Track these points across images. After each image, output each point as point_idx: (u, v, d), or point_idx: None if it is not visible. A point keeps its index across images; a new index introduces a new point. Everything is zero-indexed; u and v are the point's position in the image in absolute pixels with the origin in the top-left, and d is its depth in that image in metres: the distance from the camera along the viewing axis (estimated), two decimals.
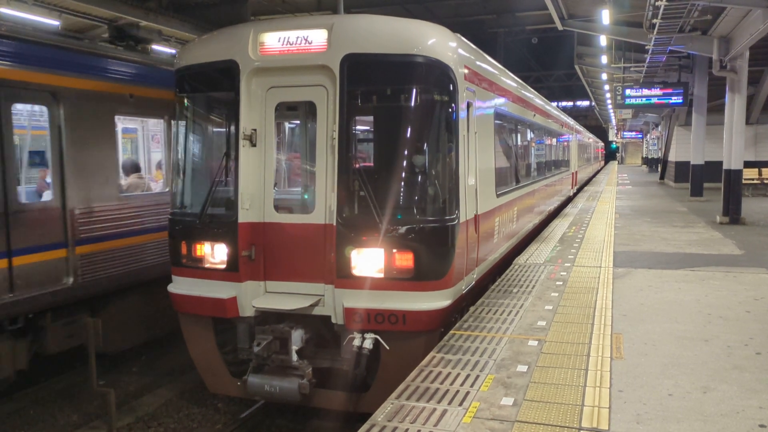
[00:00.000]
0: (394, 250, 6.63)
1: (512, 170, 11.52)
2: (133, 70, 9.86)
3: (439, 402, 4.97)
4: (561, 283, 9.24)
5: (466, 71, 7.45)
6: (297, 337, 6.92)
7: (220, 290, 7.15)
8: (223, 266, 7.20)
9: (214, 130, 7.98)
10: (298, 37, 6.95)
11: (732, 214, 17.18)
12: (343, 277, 6.77)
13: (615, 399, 5.05)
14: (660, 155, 45.32)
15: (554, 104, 23.18)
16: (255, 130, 7.13)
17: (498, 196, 9.50)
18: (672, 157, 35.24)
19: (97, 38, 14.57)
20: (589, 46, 29.41)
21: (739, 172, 17.45)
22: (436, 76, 6.86)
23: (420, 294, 6.69)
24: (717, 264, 10.86)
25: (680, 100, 25.18)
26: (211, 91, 7.81)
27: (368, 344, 6.67)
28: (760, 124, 30.15)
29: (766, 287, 9.04)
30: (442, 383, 5.35)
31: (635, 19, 19.74)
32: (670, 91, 25.28)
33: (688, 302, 8.18)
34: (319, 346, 7.25)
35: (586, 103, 73.50)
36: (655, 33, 16.97)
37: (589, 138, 42.02)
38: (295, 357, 6.87)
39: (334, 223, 6.75)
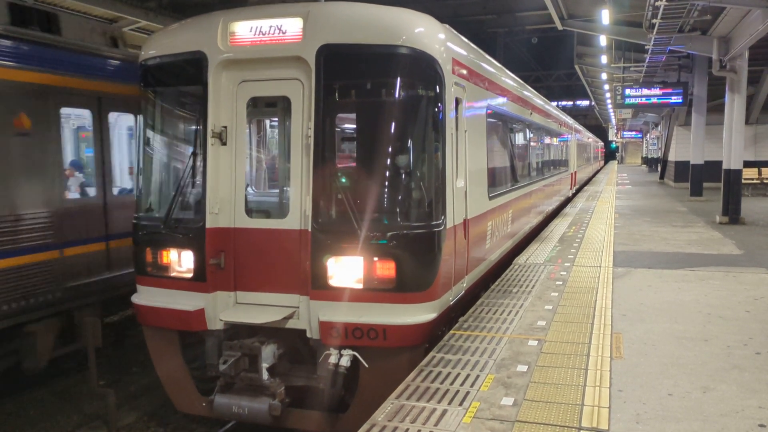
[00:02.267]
0: (375, 259, 6.13)
1: (507, 171, 11.03)
2: None
3: (439, 402, 4.98)
4: (561, 282, 9.24)
5: (454, 65, 6.96)
6: (269, 353, 6.40)
7: (186, 301, 6.63)
8: (190, 275, 6.68)
9: (181, 127, 7.43)
10: (271, 27, 6.42)
11: (731, 213, 17.19)
12: (318, 287, 6.25)
13: (615, 399, 5.06)
14: (660, 155, 45.33)
15: (554, 104, 23.08)
16: (225, 127, 6.62)
17: (491, 198, 9.04)
18: (672, 157, 35.26)
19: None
20: (589, 45, 29.42)
21: (738, 172, 17.46)
22: (421, 70, 6.33)
23: (402, 306, 6.17)
24: (717, 264, 10.87)
25: (680, 100, 25.20)
26: (177, 85, 7.20)
27: (345, 361, 6.11)
28: (760, 124, 30.16)
29: (765, 287, 9.05)
30: (442, 383, 5.36)
31: (635, 19, 19.76)
32: (669, 90, 25.29)
33: (687, 302, 8.19)
34: (294, 362, 6.73)
35: (585, 102, 73.51)
36: (654, 33, 16.99)
37: (589, 137, 41.94)
38: (265, 375, 6.33)
39: (309, 229, 6.25)
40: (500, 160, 10.39)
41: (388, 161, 6.35)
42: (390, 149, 6.36)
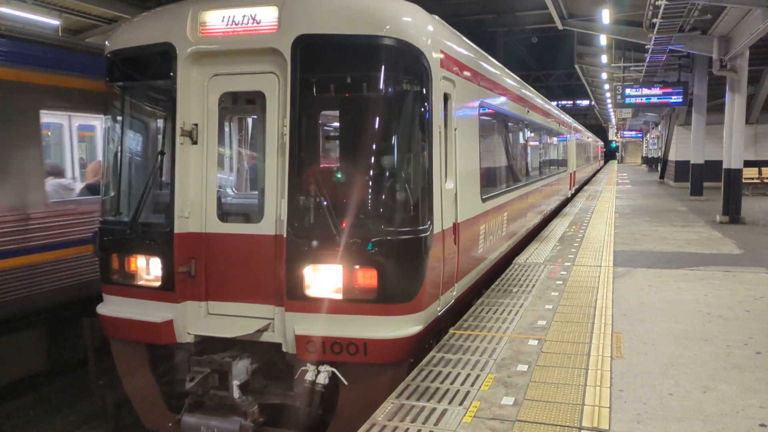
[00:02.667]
0: (355, 267, 5.67)
1: (501, 172, 10.50)
2: None
3: (439, 401, 4.97)
4: (561, 282, 9.24)
5: (442, 57, 6.51)
6: (241, 368, 5.95)
7: (154, 312, 6.16)
8: (158, 284, 6.22)
9: (149, 124, 6.95)
10: (244, 16, 5.97)
11: (732, 213, 17.20)
12: (294, 298, 5.79)
13: (615, 398, 5.05)
14: (660, 154, 45.34)
15: (554, 104, 22.99)
16: (196, 125, 6.17)
17: (484, 200, 8.54)
18: (672, 157, 35.26)
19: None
20: (589, 45, 29.42)
21: (739, 172, 17.46)
22: (406, 62, 5.89)
23: (385, 319, 5.72)
24: (717, 263, 10.86)
25: (680, 100, 25.22)
26: (143, 80, 6.74)
27: (323, 378, 5.69)
28: (760, 124, 30.19)
29: (765, 286, 9.04)
30: (442, 382, 5.35)
31: (635, 19, 19.76)
32: (670, 90, 25.31)
33: (687, 301, 8.18)
34: (271, 377, 6.28)
35: (585, 102, 73.62)
36: (655, 32, 16.99)
37: (589, 137, 41.86)
38: (236, 393, 5.85)
39: (284, 235, 5.79)
40: (494, 160, 10.00)
41: (370, 161, 5.95)
42: (372, 148, 5.96)
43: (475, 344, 6.38)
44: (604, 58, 28.22)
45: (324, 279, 5.79)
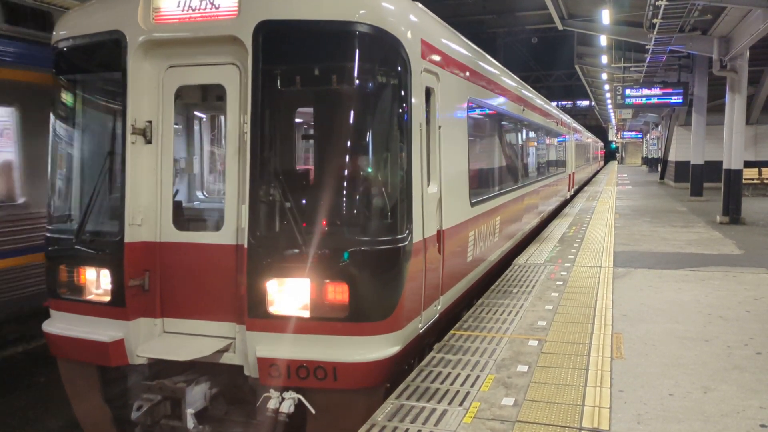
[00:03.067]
0: (324, 281, 5.13)
1: (493, 174, 9.89)
2: None
3: (439, 402, 4.97)
4: (561, 283, 9.23)
5: (425, 48, 6.00)
6: (198, 394, 5.42)
7: (104, 330, 5.55)
8: (107, 299, 5.63)
9: (100, 122, 6.22)
10: (202, 1, 5.42)
11: (732, 213, 17.20)
12: (256, 315, 5.23)
13: (615, 399, 5.05)
14: (660, 155, 45.34)
15: (554, 104, 22.94)
16: (150, 122, 5.61)
17: (473, 205, 7.94)
18: (672, 157, 35.27)
19: None
20: (589, 45, 29.45)
21: (739, 172, 17.46)
22: (381, 52, 5.35)
23: (357, 339, 5.17)
24: (717, 264, 10.86)
25: (680, 100, 25.21)
26: (92, 72, 6.08)
27: (287, 407, 5.13)
28: (760, 124, 30.18)
29: (765, 287, 9.04)
30: (442, 383, 5.34)
31: (635, 19, 19.77)
32: (670, 90, 25.31)
33: (688, 302, 8.18)
34: (234, 403, 5.73)
35: (586, 103, 73.65)
36: (655, 33, 17.00)
37: (588, 138, 41.79)
38: (191, 423, 5.29)
39: (246, 245, 5.24)
40: (485, 161, 9.42)
41: (341, 163, 5.34)
42: (343, 148, 5.35)
43: (475, 345, 6.37)
44: (604, 59, 28.23)
45: (289, 294, 5.25)
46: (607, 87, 40.55)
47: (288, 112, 6.23)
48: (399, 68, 5.46)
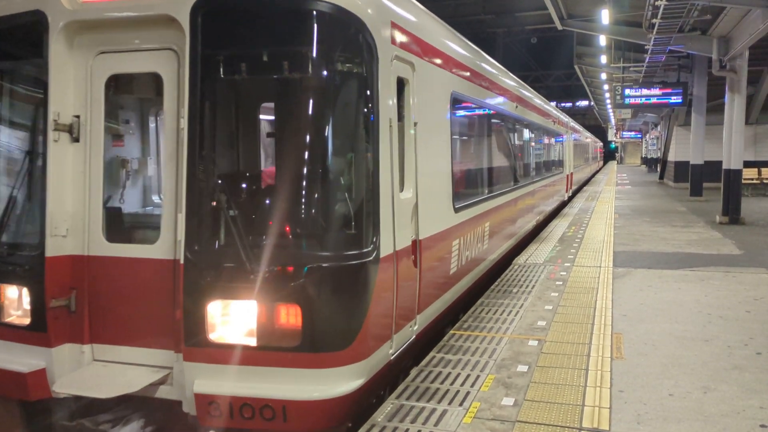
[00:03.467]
0: (273, 304, 4.44)
1: (482, 176, 9.14)
2: None
3: (439, 402, 4.96)
4: (561, 282, 9.23)
5: (396, 33, 5.26)
6: None
7: (22, 359, 4.81)
8: (27, 322, 4.89)
9: (18, 117, 5.46)
10: None
11: (731, 213, 17.20)
12: (194, 344, 4.51)
13: (615, 399, 5.04)
14: (659, 155, 45.36)
15: (553, 104, 22.88)
16: (78, 117, 4.91)
17: (457, 210, 7.23)
18: (671, 157, 35.29)
19: None
20: (588, 46, 29.44)
21: (738, 172, 17.47)
22: (341, 35, 4.66)
23: (312, 373, 4.46)
24: (717, 264, 10.86)
25: (679, 100, 25.20)
26: (9, 59, 5.34)
27: None
28: (760, 124, 30.21)
29: (765, 287, 9.03)
30: (442, 383, 5.34)
31: (635, 19, 19.76)
32: (669, 90, 25.30)
33: (687, 302, 8.18)
34: None
35: (585, 103, 73.63)
36: (654, 33, 16.99)
37: (587, 137, 41.76)
38: None
39: (182, 260, 4.54)
40: (472, 162, 8.68)
41: (294, 165, 4.65)
42: (296, 148, 4.67)
43: (475, 345, 6.37)
44: (604, 59, 28.23)
45: (232, 319, 4.58)
46: (606, 87, 40.55)
47: (232, 106, 5.38)
48: (362, 54, 4.73)
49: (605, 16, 19.28)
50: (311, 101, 4.64)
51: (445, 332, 7.00)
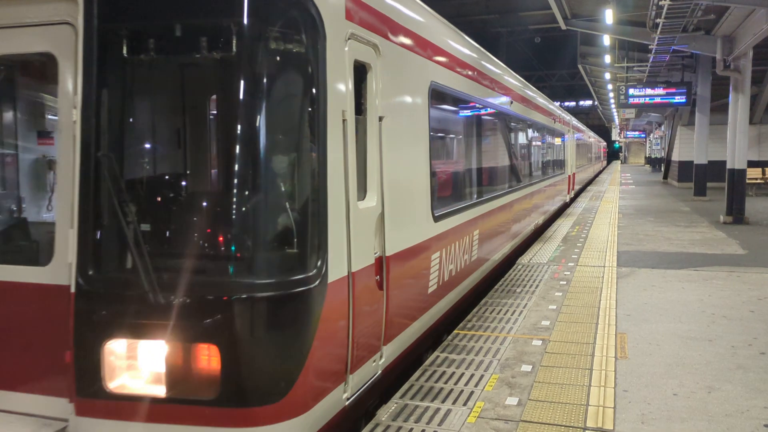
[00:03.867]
0: (188, 344, 3.56)
1: (469, 179, 8.17)
2: None
3: (443, 401, 4.97)
4: (565, 282, 9.24)
5: (352, 6, 4.38)
6: None
7: None
8: None
9: None
10: None
11: (735, 213, 17.17)
12: (87, 394, 3.66)
13: (620, 399, 5.05)
14: (663, 155, 45.29)
15: (557, 104, 22.77)
16: None
17: (438, 219, 6.34)
18: (675, 157, 35.22)
19: None
20: (592, 45, 29.40)
21: (742, 172, 17.44)
22: (275, 5, 3.76)
23: None
24: (721, 264, 10.84)
25: (683, 100, 25.17)
26: None
27: None
28: (764, 124, 30.17)
29: None
30: (446, 383, 5.35)
31: (639, 19, 19.75)
32: (673, 90, 25.27)
33: (691, 302, 8.17)
34: None
35: (588, 102, 73.59)
36: (658, 32, 16.97)
37: (591, 137, 41.58)
38: None
39: (73, 288, 3.69)
40: (457, 163, 7.82)
41: (215, 169, 3.93)
42: (219, 147, 3.95)
43: (479, 344, 6.38)
44: (608, 59, 28.20)
45: (136, 363, 3.69)
46: (610, 87, 40.53)
47: (137, 94, 4.13)
48: (303, 29, 3.83)
49: (609, 15, 19.26)
50: (236, 87, 3.68)
51: (424, 358, 6.34)
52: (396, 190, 5.19)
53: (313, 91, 3.88)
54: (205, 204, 3.88)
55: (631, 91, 25.98)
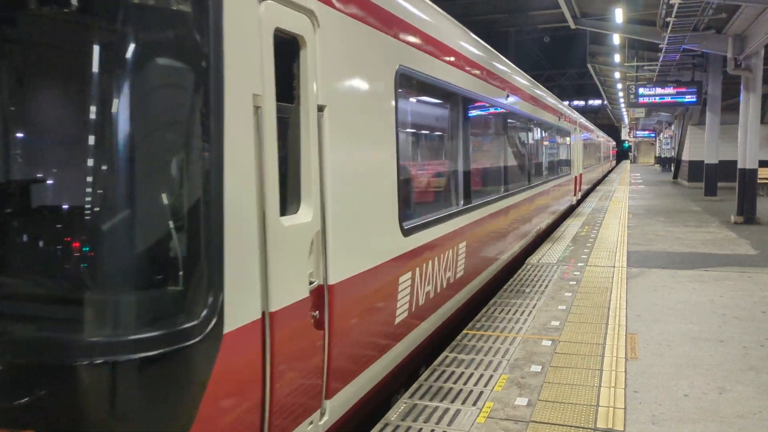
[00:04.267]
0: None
1: (451, 184, 7.07)
2: None
3: (452, 401, 4.96)
4: (574, 282, 9.20)
5: None
6: None
7: None
8: None
9: None
10: None
11: (746, 213, 17.06)
12: None
13: (630, 400, 5.02)
14: (673, 154, 45.06)
15: (566, 103, 22.62)
16: None
17: (408, 233, 5.28)
18: (685, 157, 35.02)
19: None
20: (601, 44, 29.27)
21: (753, 172, 17.33)
22: None
23: None
24: (731, 264, 10.77)
25: (694, 99, 25.02)
26: None
27: None
28: None
29: None
30: (455, 383, 5.34)
31: (648, 18, 19.64)
32: (683, 89, 25.13)
33: (702, 302, 8.12)
34: None
35: (598, 102, 73.30)
36: (668, 31, 16.87)
37: (599, 136, 41.31)
38: None
39: None
40: (436, 166, 6.82)
41: (67, 172, 2.94)
42: (73, 143, 2.89)
43: (488, 344, 6.36)
44: (617, 58, 28.05)
45: None
46: (619, 86, 40.31)
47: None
48: None
49: (619, 14, 19.16)
50: (94, 62, 2.65)
51: (393, 400, 5.56)
52: (345, 200, 4.16)
53: (202, 65, 2.78)
54: (41, 223, 2.81)
55: (641, 90, 25.86)
